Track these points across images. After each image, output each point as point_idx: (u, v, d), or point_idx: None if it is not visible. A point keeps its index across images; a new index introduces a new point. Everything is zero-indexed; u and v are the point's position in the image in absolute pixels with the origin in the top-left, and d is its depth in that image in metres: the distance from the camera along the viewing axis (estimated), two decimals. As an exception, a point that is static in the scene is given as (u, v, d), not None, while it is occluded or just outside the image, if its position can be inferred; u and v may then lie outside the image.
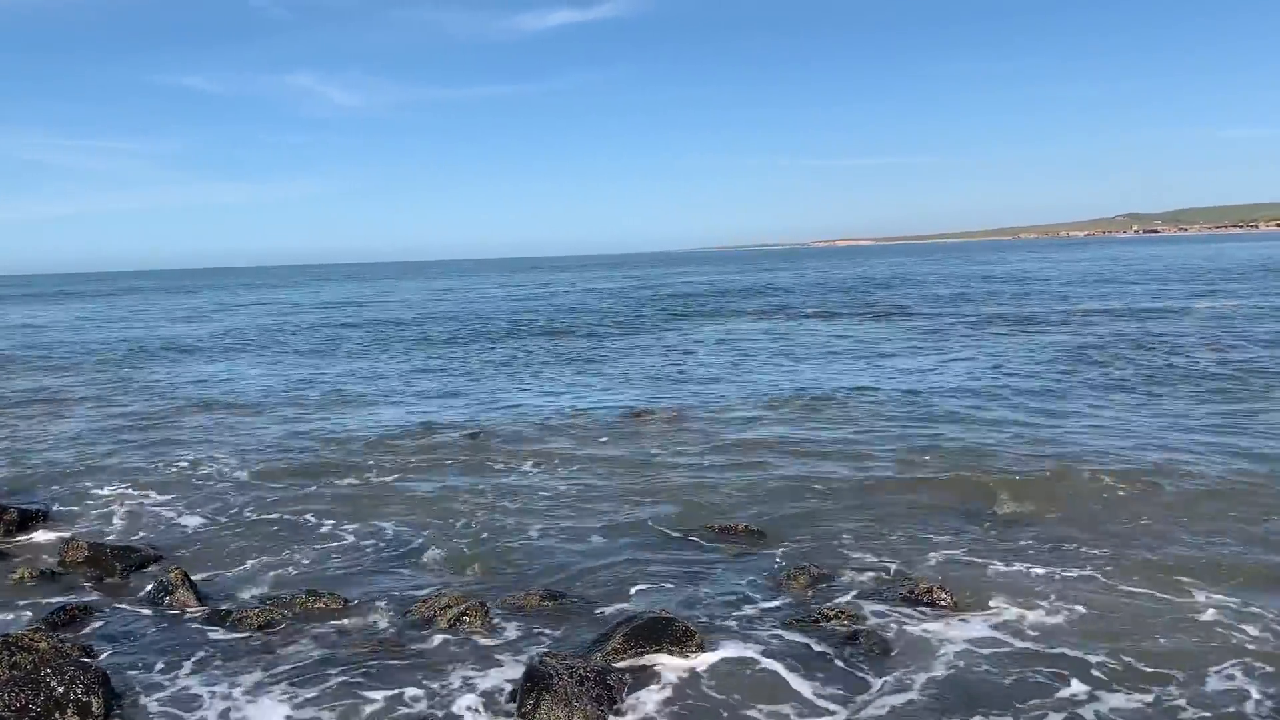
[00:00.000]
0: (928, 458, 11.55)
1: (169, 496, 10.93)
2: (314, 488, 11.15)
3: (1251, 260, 70.00)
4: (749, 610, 7.14)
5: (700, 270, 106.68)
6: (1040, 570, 7.73)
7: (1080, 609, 6.91)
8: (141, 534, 9.53)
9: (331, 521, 9.77)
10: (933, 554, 8.23)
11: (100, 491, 11.22)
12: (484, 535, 9.19)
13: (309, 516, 9.96)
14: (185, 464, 12.61)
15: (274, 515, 10.05)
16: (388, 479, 11.48)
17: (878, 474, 10.91)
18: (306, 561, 8.53)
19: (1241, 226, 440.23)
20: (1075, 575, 7.60)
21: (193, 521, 9.90)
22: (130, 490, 11.25)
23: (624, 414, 15.07)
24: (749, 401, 16.25)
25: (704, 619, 6.94)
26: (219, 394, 19.23)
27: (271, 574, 8.24)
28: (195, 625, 7.10)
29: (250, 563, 8.55)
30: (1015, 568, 7.82)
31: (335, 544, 9.02)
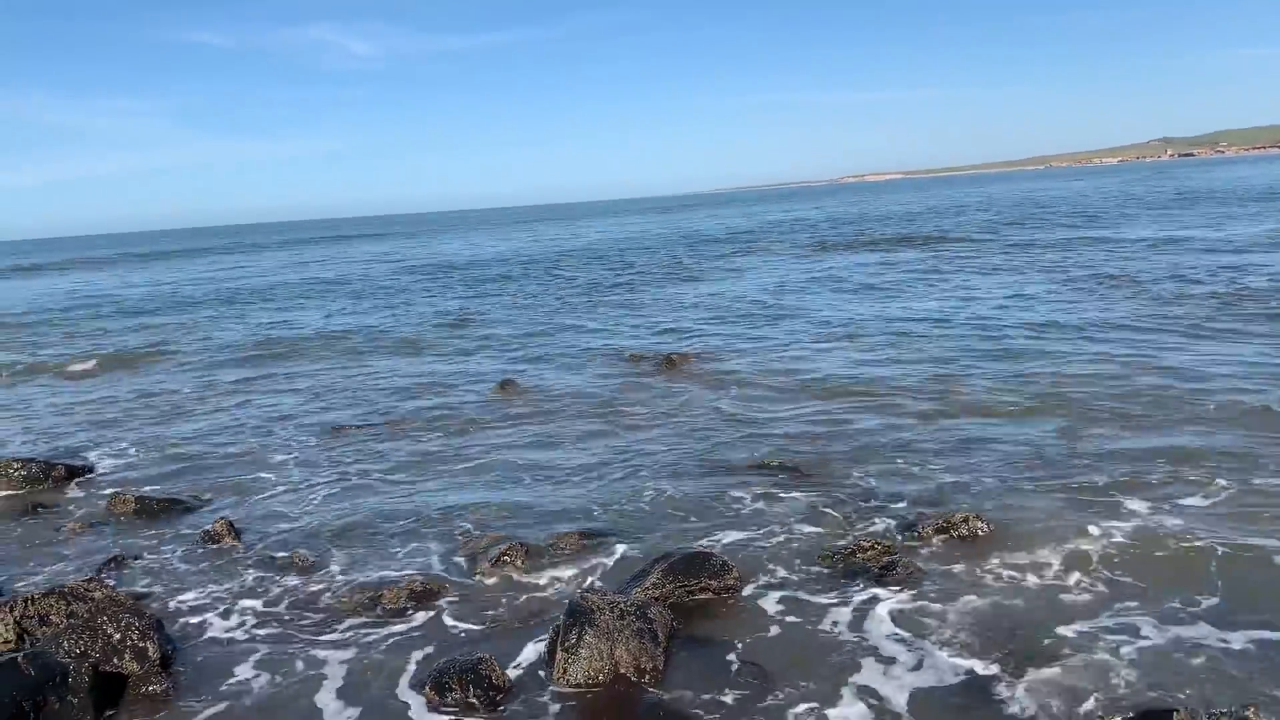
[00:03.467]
0: (981, 391, 11.43)
1: (214, 449, 11.11)
2: (350, 439, 11.29)
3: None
4: (785, 543, 7.17)
5: (746, 211, 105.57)
6: (1098, 509, 7.43)
7: (1137, 552, 6.61)
8: (187, 485, 9.70)
9: (371, 469, 9.90)
10: (979, 488, 8.08)
11: (145, 445, 11.44)
12: (522, 477, 9.28)
13: (348, 466, 10.09)
14: (228, 418, 12.80)
15: (317, 466, 10.20)
16: (423, 427, 11.59)
17: (922, 408, 10.80)
18: (349, 509, 8.65)
19: (1279, 147, 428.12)
20: (1142, 515, 7.36)
21: (238, 473, 10.05)
22: (174, 443, 11.45)
23: (661, 353, 15.06)
24: (789, 338, 16.19)
25: (741, 553, 6.99)
26: (259, 351, 19.43)
27: (315, 522, 8.37)
28: (242, 573, 7.26)
29: (295, 511, 8.69)
30: (1070, 506, 7.54)
31: (376, 492, 9.14)
